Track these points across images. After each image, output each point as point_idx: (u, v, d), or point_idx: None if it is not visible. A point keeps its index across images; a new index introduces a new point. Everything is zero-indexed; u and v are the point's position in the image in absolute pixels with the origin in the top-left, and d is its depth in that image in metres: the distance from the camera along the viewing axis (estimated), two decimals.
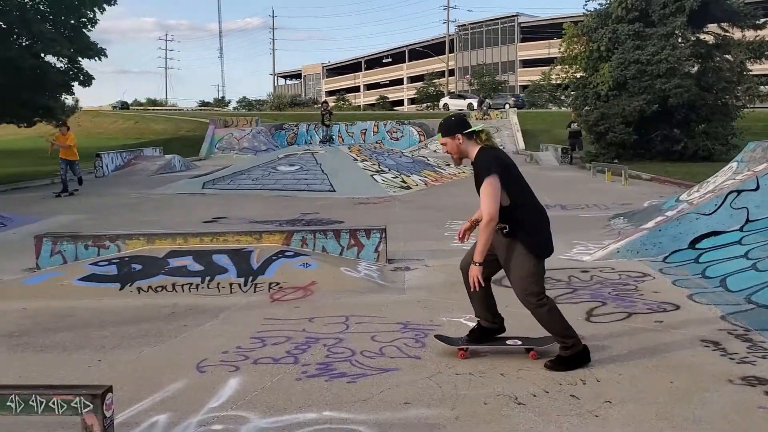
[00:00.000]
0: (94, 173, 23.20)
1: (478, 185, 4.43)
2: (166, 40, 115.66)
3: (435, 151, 29.95)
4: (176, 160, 25.57)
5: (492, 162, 4.39)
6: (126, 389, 4.15)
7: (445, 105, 48.53)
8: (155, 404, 3.99)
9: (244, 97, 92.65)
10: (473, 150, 4.49)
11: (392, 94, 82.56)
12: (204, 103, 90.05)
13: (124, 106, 75.82)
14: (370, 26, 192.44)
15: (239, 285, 6.83)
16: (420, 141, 34.21)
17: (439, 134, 4.63)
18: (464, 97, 51.84)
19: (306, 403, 3.98)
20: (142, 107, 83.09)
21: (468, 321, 5.30)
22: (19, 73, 19.93)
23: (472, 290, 4.54)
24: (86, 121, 55.88)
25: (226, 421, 3.73)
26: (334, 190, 15.80)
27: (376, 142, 30.62)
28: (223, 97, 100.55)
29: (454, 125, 4.54)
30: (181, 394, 4.14)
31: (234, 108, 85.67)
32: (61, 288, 6.79)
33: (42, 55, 21.23)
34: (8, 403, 3.01)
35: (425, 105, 60.91)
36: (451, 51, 76.40)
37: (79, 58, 22.74)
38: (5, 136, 56.55)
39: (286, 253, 7.35)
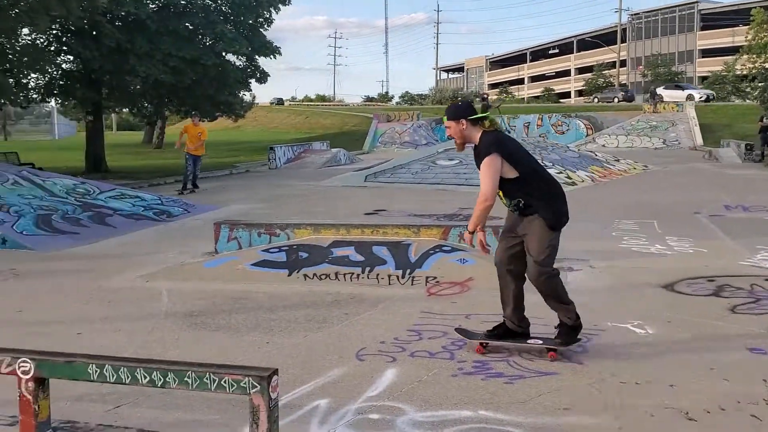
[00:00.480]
0: (268, 165, 24.72)
1: (479, 168, 4.57)
2: (335, 38, 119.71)
3: (603, 146, 28.67)
4: (342, 154, 26.52)
5: (492, 142, 4.52)
6: (290, 372, 4.35)
7: (659, 96, 42.75)
8: (317, 388, 4.14)
9: (407, 92, 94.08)
10: (476, 135, 4.60)
11: (558, 86, 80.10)
12: (368, 99, 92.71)
13: (279, 102, 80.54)
14: (536, 17, 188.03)
15: (397, 277, 6.93)
16: (587, 135, 32.82)
17: (444, 117, 4.75)
18: (682, 88, 47.09)
19: (462, 400, 3.95)
20: (311, 103, 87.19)
21: (635, 328, 5.01)
22: (204, 71, 21.62)
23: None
24: (261, 116, 59.54)
25: (382, 411, 3.80)
26: None
27: (540, 136, 29.79)
28: (386, 92, 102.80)
29: (461, 110, 4.68)
30: (341, 381, 4.27)
31: (396, 103, 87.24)
32: (236, 272, 7.27)
33: (223, 54, 22.86)
34: (186, 379, 3.26)
35: (593, 98, 58.41)
36: (623, 41, 72.55)
37: (256, 57, 24.24)
38: None
39: (444, 248, 7.35)
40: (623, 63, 71.47)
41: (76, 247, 9.52)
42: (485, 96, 34.05)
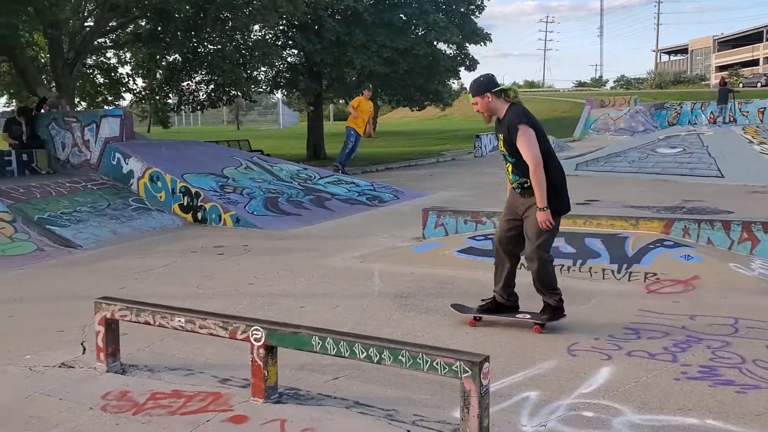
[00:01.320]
0: (473, 153, 24.77)
1: (506, 141, 4.79)
2: (546, 22, 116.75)
3: None
4: (551, 141, 25.78)
5: (522, 114, 4.76)
6: (499, 360, 4.30)
7: None
8: (526, 380, 4.07)
9: (622, 76, 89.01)
10: (503, 107, 4.83)
11: None
12: (580, 84, 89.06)
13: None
14: None
15: (612, 271, 6.58)
16: None
17: (470, 95, 4.92)
18: None
19: (685, 406, 3.65)
20: (520, 89, 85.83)
21: None
22: (416, 60, 22.13)
23: (544, 230, 4.77)
24: (468, 105, 59.60)
25: (597, 410, 3.62)
26: (723, 176, 14.22)
27: None
28: (600, 77, 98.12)
29: (484, 85, 4.84)
30: (552, 374, 4.14)
31: (611, 88, 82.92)
32: (443, 257, 7.37)
33: (435, 42, 23.22)
34: (400, 357, 3.36)
35: None
36: None
37: (467, 44, 24.30)
38: (399, 119, 63.61)
39: (665, 242, 6.84)
40: None
41: (299, 227, 10.26)
42: (724, 81, 31.22)
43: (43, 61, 19.31)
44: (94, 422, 3.59)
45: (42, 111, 13.63)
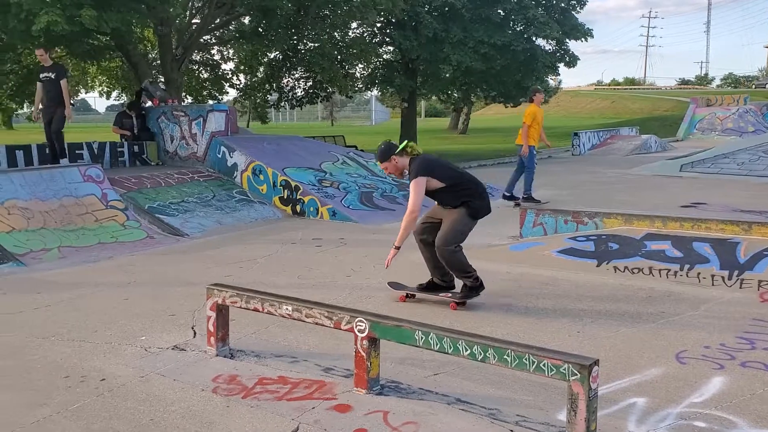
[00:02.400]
0: (571, 151, 24.20)
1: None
2: (649, 17, 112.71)
3: None
4: (652, 141, 24.86)
5: (417, 167, 5.55)
6: (604, 365, 4.18)
7: None
8: (633, 385, 3.95)
9: (730, 74, 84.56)
10: (406, 161, 5.65)
11: None
12: (683, 81, 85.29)
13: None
14: None
15: (722, 278, 6.28)
16: None
17: (378, 162, 5.82)
18: None
19: None
20: (619, 87, 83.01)
21: None
22: (513, 56, 21.85)
23: (386, 267, 5.81)
24: (565, 101, 58.43)
25: (709, 420, 3.48)
26: None
27: None
28: (705, 74, 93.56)
29: (387, 151, 5.67)
30: (660, 381, 4.01)
31: (717, 86, 78.93)
32: (542, 257, 7.25)
33: (533, 38, 22.83)
34: (505, 356, 3.33)
35: None
36: None
37: (567, 40, 23.76)
38: (492, 115, 62.93)
39: None
40: None
41: (393, 222, 10.31)
42: None
43: (152, 56, 20.32)
44: (205, 403, 3.76)
45: (151, 104, 14.34)
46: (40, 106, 10.84)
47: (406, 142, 5.78)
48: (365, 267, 7.29)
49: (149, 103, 14.35)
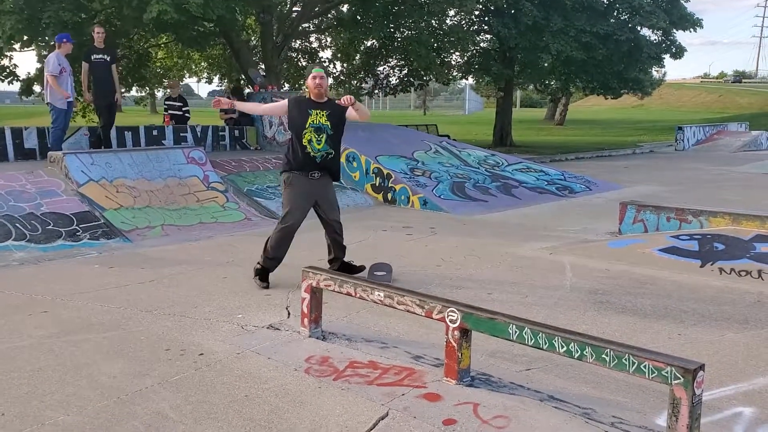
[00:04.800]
0: (674, 146, 23.20)
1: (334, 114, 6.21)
2: (764, 7, 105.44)
3: None
4: (763, 137, 23.50)
5: None
6: (708, 370, 3.96)
7: None
8: (738, 394, 3.74)
9: None
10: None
11: None
12: None
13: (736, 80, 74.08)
14: None
15: None
16: None
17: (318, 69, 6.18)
18: None
19: None
20: (725, 79, 78.70)
21: None
22: (616, 46, 21.05)
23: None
24: (668, 95, 56.00)
25: None
26: None
27: None
28: None
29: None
30: None
31: None
32: (642, 255, 6.97)
33: (638, 28, 21.91)
34: (603, 356, 3.22)
35: None
36: None
37: (674, 30, 22.68)
38: (591, 107, 61.07)
39: None
40: None
41: (485, 214, 10.23)
42: None
43: (253, 43, 20.87)
44: (298, 383, 3.84)
45: (251, 90, 14.75)
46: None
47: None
48: (455, 257, 7.24)
49: (249, 89, 14.78)
